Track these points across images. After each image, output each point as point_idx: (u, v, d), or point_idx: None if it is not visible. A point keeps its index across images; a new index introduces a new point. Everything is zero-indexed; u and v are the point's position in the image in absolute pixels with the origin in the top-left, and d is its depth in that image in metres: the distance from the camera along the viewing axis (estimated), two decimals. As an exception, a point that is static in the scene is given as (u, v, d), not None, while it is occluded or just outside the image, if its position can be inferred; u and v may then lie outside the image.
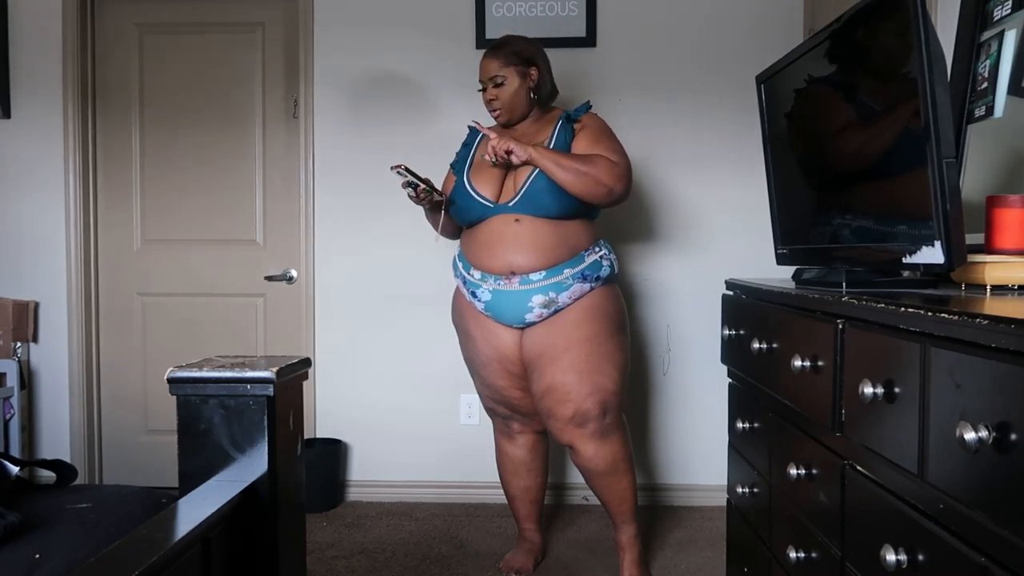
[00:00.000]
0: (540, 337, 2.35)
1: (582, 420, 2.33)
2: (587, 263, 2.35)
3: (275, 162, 3.39)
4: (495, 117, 2.47)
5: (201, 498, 1.31)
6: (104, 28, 3.42)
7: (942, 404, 1.00)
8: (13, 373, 3.27)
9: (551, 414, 2.36)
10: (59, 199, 3.35)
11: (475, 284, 2.38)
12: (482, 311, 2.40)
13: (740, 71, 3.07)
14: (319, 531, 2.95)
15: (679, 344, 3.27)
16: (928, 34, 1.32)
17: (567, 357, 2.32)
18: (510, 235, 2.31)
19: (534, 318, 2.34)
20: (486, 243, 2.35)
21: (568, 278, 2.32)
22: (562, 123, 2.44)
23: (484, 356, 2.45)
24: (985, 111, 1.83)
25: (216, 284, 3.42)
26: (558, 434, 2.38)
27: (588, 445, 2.35)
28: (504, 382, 2.47)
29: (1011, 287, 1.41)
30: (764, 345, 1.71)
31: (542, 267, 2.30)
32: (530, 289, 2.31)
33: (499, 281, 2.33)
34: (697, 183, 3.23)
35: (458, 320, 2.53)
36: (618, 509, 2.46)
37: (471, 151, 2.51)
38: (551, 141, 2.39)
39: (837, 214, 1.76)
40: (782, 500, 1.69)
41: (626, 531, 2.48)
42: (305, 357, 1.57)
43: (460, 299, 2.50)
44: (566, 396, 2.32)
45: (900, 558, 1.09)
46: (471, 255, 2.40)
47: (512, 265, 2.31)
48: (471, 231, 2.42)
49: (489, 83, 2.42)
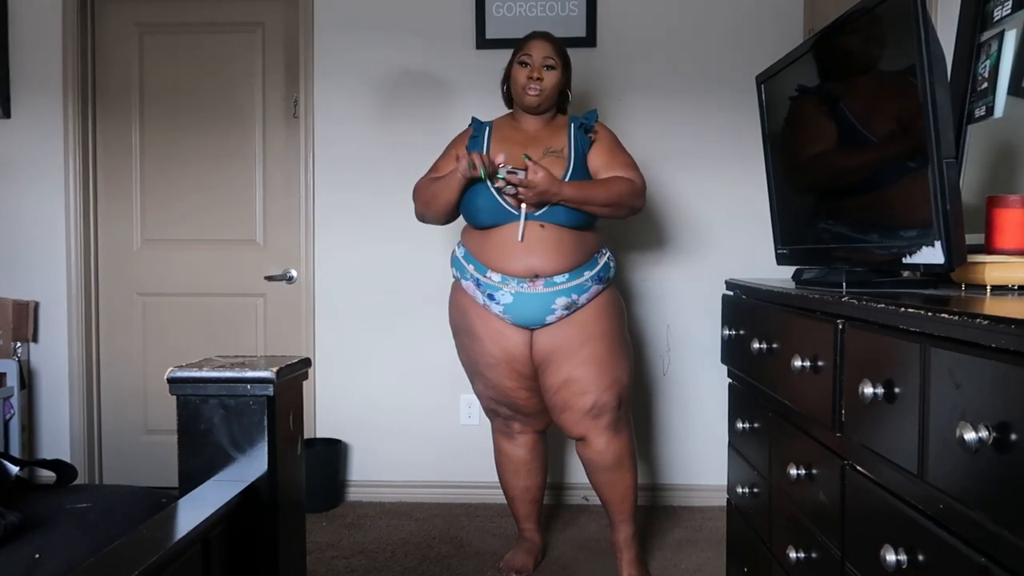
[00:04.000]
0: (555, 334, 2.37)
1: (599, 412, 2.36)
2: (600, 265, 2.41)
3: (275, 162, 3.39)
4: (532, 96, 2.38)
5: (201, 498, 1.31)
6: (104, 28, 3.42)
7: (942, 404, 1.00)
8: (13, 373, 3.27)
9: (567, 406, 2.37)
10: (59, 199, 3.35)
11: (494, 287, 2.35)
12: (500, 313, 2.38)
13: (740, 71, 3.06)
14: (319, 531, 2.95)
15: (679, 344, 3.27)
16: (928, 34, 1.32)
17: (586, 351, 2.36)
18: (534, 239, 2.32)
19: (554, 319, 2.36)
20: (507, 246, 2.33)
21: (587, 280, 2.36)
22: (576, 130, 2.44)
23: (492, 357, 2.44)
24: (985, 111, 1.83)
25: (216, 284, 3.42)
26: (571, 427, 2.40)
27: (601, 437, 2.38)
28: (512, 383, 2.46)
29: (1011, 287, 1.42)
30: (764, 345, 1.71)
31: (565, 270, 2.33)
32: (554, 291, 2.32)
33: (522, 284, 2.32)
34: (697, 183, 3.23)
35: (460, 321, 2.50)
36: (619, 507, 2.46)
37: (483, 147, 2.46)
38: (570, 148, 2.40)
39: (837, 214, 1.76)
40: (782, 500, 1.69)
41: (624, 531, 2.49)
42: (305, 357, 1.57)
43: (463, 299, 2.48)
44: (585, 388, 2.35)
45: (900, 558, 1.09)
46: (487, 257, 2.37)
47: (535, 268, 2.32)
48: (485, 233, 2.39)
49: (541, 62, 2.39)
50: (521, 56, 2.42)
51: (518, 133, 2.48)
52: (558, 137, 2.44)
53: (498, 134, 2.49)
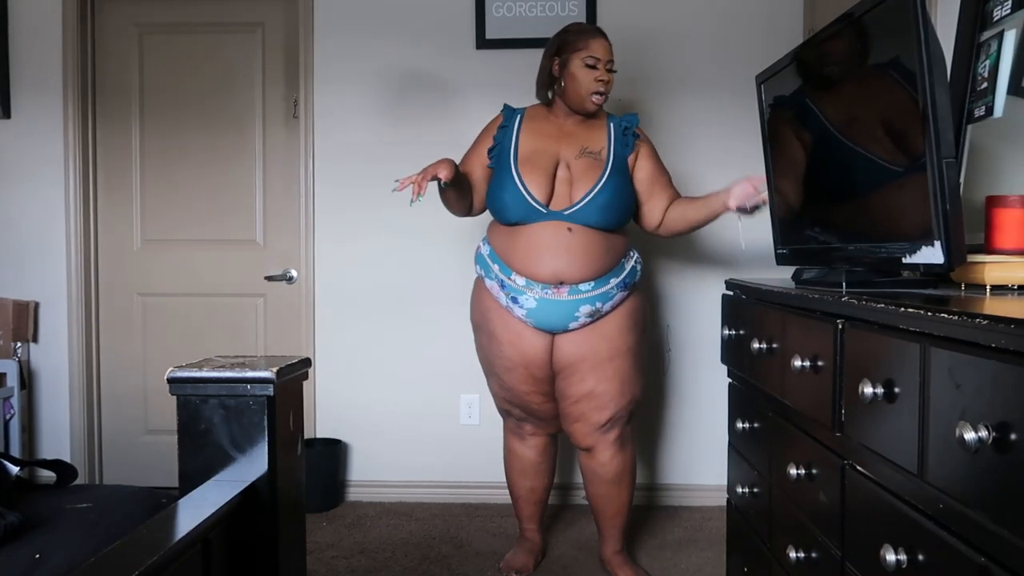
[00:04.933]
0: (580, 342, 2.33)
1: (611, 426, 2.36)
2: (627, 271, 2.37)
3: (275, 162, 3.39)
4: (595, 103, 2.32)
5: (201, 498, 1.31)
6: (104, 28, 3.42)
7: (942, 404, 1.00)
8: (13, 373, 3.27)
9: (582, 418, 2.37)
10: (59, 199, 3.35)
11: (518, 291, 2.31)
12: (522, 317, 2.33)
13: (740, 71, 3.06)
14: (319, 531, 2.95)
15: (679, 344, 3.27)
16: (928, 34, 1.32)
17: (612, 366, 2.34)
18: (561, 244, 2.25)
19: (577, 326, 2.33)
20: (534, 248, 2.27)
21: (613, 288, 2.33)
22: (616, 132, 2.37)
23: (509, 360, 2.39)
24: (985, 111, 1.83)
25: (216, 284, 3.42)
26: (582, 439, 2.40)
27: (608, 450, 2.39)
28: (526, 387, 2.43)
29: (1011, 287, 1.42)
30: (764, 345, 1.71)
31: (591, 277, 2.29)
32: (579, 299, 2.28)
33: (547, 290, 2.27)
34: (697, 183, 3.22)
35: (481, 320, 2.45)
36: (611, 522, 2.47)
37: (512, 138, 2.35)
38: (609, 151, 2.33)
39: (837, 214, 1.76)
40: (782, 500, 1.69)
41: (612, 545, 2.51)
42: (305, 357, 1.57)
43: (486, 299, 2.42)
44: (606, 403, 2.34)
45: (900, 558, 1.09)
46: (513, 259, 2.31)
47: (561, 274, 2.26)
48: (512, 231, 2.32)
49: (606, 65, 2.32)
50: (587, 57, 2.29)
51: (551, 127, 2.38)
52: (596, 137, 2.36)
53: (530, 125, 2.38)
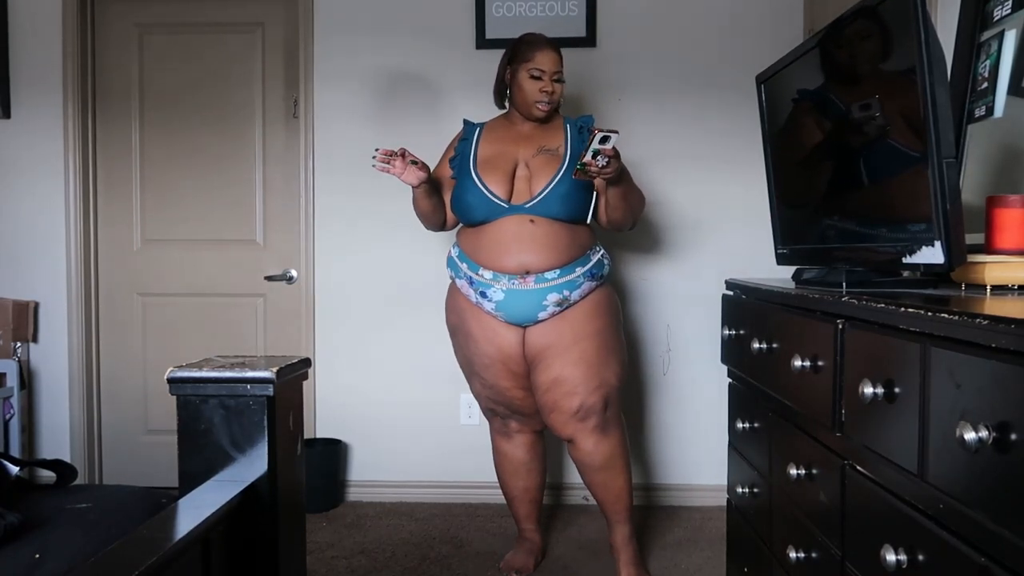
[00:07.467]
0: (547, 331, 2.36)
1: (586, 414, 2.35)
2: (593, 262, 2.40)
3: (275, 162, 3.39)
4: (541, 111, 2.39)
5: (201, 498, 1.31)
6: (104, 28, 3.42)
7: (942, 404, 1.00)
8: (13, 373, 3.27)
9: (555, 407, 2.37)
10: (59, 199, 3.35)
11: (486, 284, 2.35)
12: (492, 311, 2.38)
13: (740, 71, 3.06)
14: (319, 531, 2.95)
15: (679, 344, 3.27)
16: (928, 34, 1.32)
17: (577, 349, 2.35)
18: (525, 235, 2.31)
19: (546, 316, 2.35)
20: (498, 242, 2.33)
21: (580, 276, 2.35)
22: (573, 131, 2.43)
23: (487, 357, 2.44)
24: (985, 111, 1.83)
25: (216, 284, 3.42)
26: (560, 428, 2.39)
27: (589, 439, 2.37)
28: (507, 382, 2.46)
29: (1011, 287, 1.41)
30: (764, 345, 1.71)
31: (556, 266, 2.32)
32: (545, 288, 2.32)
33: (513, 280, 2.32)
34: (697, 183, 3.23)
35: (456, 321, 2.51)
36: (613, 508, 2.46)
37: (472, 146, 2.47)
38: (566, 148, 2.40)
39: (837, 214, 1.76)
40: (782, 500, 1.69)
41: (620, 531, 2.49)
42: (305, 357, 1.57)
43: (459, 300, 2.48)
44: (573, 389, 2.34)
45: (900, 558, 1.09)
46: (479, 255, 2.37)
47: (526, 264, 2.31)
48: (478, 230, 2.39)
49: (552, 75, 2.38)
50: (533, 69, 2.37)
51: (509, 133, 2.47)
52: (553, 137, 2.43)
53: (489, 135, 2.48)
